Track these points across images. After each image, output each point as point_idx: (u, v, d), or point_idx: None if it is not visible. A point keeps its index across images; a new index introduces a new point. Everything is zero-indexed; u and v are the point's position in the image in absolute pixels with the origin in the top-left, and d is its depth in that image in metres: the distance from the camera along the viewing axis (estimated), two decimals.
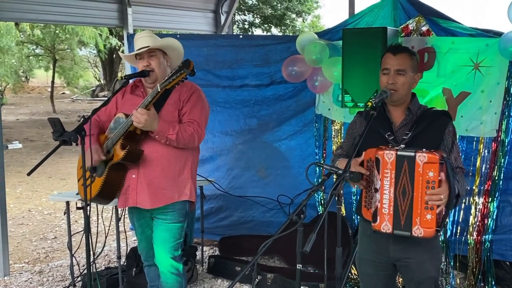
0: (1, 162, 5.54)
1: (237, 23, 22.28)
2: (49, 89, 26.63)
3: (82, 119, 3.40)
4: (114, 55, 22.60)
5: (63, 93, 32.96)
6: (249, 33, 21.86)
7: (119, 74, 3.83)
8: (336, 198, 2.64)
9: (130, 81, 3.77)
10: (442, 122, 3.04)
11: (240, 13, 22.00)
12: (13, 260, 6.07)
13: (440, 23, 4.70)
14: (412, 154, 2.77)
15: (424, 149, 2.79)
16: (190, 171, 3.76)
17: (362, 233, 3.18)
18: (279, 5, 21.75)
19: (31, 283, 5.30)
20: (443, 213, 2.81)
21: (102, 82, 29.55)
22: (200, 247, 5.57)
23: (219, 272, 5.29)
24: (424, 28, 4.75)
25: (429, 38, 4.68)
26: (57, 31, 18.66)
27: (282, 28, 22.35)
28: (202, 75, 5.58)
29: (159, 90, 3.41)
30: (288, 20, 22.35)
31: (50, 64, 25.29)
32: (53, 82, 25.36)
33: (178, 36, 5.95)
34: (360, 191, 3.07)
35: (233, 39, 6.22)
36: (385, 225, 2.86)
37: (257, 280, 4.87)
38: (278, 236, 2.64)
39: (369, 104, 2.87)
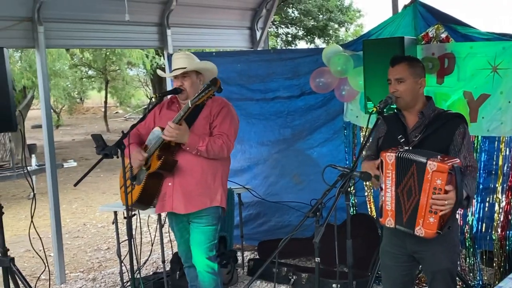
0: (55, 179, 5.99)
1: (280, 36, 22.64)
2: (103, 109, 27.62)
3: (123, 134, 3.81)
4: None
5: (117, 112, 33.99)
6: (293, 46, 22.20)
7: (155, 93, 4.24)
8: (345, 195, 2.94)
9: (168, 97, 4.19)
10: (453, 124, 3.24)
11: (283, 26, 22.35)
12: (69, 269, 6.54)
13: (458, 30, 4.91)
14: (424, 160, 2.98)
15: (438, 156, 2.99)
16: (221, 179, 4.11)
17: (385, 227, 3.44)
18: (321, 16, 22.00)
19: None
20: (446, 218, 3.03)
21: (153, 100, 30.34)
22: (240, 252, 5.89)
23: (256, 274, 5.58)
24: (443, 35, 4.96)
25: (448, 44, 4.89)
26: (107, 53, 19.44)
27: (326, 38, 22.57)
28: (236, 89, 5.96)
29: (190, 106, 3.81)
30: (331, 31, 22.55)
31: (103, 85, 26.24)
32: (106, 102, 26.31)
33: (214, 54, 6.34)
34: None
35: (264, 54, 6.57)
36: (389, 220, 3.13)
37: (292, 280, 5.15)
38: (295, 232, 2.94)
39: (374, 109, 3.14)
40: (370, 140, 3.50)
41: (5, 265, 4.27)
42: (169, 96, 4.26)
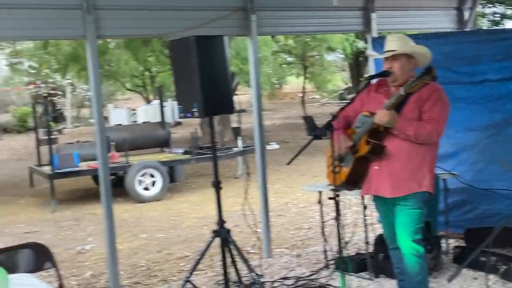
0: (264, 160, 6.35)
1: (487, 16, 21.31)
2: (300, 95, 28.37)
3: (332, 116, 3.96)
4: (359, 58, 23.27)
5: (313, 97, 34.65)
6: (501, 26, 20.77)
7: (365, 76, 4.33)
8: None
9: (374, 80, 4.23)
10: None
11: (490, 5, 21.00)
12: (275, 245, 6.90)
13: None
14: None
15: None
16: (428, 165, 4.08)
17: None
18: None
19: (290, 264, 6.06)
20: None
21: (349, 85, 30.46)
22: (445, 239, 5.75)
23: (464, 262, 5.42)
24: None
25: None
26: (307, 39, 19.91)
27: None
28: (441, 72, 5.66)
29: (402, 93, 3.82)
30: None
31: (301, 71, 26.92)
32: (304, 87, 26.99)
33: (420, 36, 6.21)
34: None
35: (473, 35, 6.29)
36: None
37: (502, 270, 4.92)
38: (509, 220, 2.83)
39: None
40: None
41: (223, 235, 4.68)
42: (375, 80, 4.30)
